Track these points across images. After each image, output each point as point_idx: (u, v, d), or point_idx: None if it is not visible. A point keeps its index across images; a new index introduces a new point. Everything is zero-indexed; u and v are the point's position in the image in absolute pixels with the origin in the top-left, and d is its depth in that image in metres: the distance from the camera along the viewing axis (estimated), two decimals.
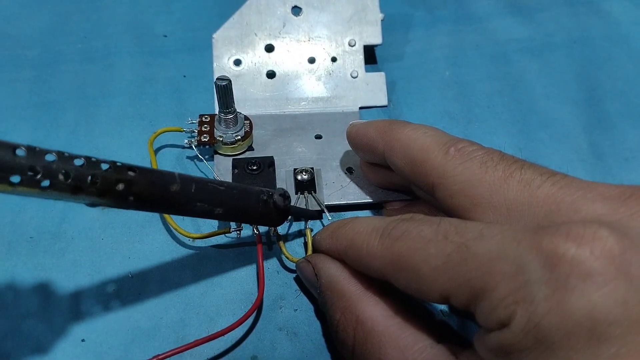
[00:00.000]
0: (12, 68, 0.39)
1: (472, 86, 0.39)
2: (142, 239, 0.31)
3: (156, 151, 0.34)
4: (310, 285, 0.27)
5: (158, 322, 0.27)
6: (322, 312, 0.26)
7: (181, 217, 0.31)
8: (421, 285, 0.20)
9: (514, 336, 0.17)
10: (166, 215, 0.30)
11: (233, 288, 0.29)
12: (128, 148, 0.34)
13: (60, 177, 0.18)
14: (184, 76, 0.39)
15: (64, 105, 0.37)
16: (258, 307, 0.27)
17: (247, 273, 0.29)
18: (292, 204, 0.29)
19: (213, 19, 0.43)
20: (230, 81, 0.30)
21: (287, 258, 0.29)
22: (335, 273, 0.25)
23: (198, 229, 0.31)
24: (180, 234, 0.29)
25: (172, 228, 0.30)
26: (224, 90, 0.31)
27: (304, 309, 0.28)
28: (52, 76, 0.39)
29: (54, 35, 0.42)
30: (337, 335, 0.24)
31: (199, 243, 0.30)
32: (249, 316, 0.26)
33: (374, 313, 0.22)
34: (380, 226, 0.22)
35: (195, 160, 0.34)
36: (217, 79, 0.30)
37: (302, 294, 0.29)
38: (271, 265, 0.30)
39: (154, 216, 0.31)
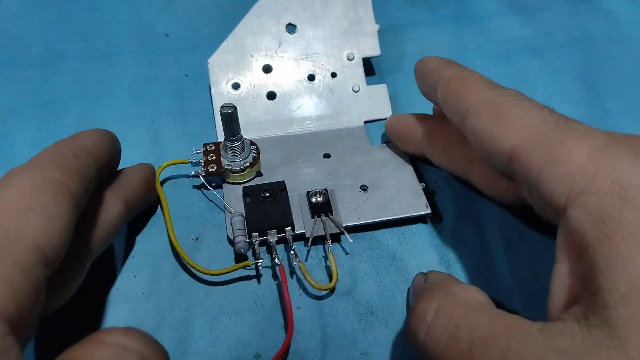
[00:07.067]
0: (14, 67, 0.39)
1: None
2: (145, 239, 0.31)
3: (162, 182, 0.33)
4: (414, 292, 0.27)
5: (161, 322, 0.27)
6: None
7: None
8: (501, 132, 0.22)
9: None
10: (181, 252, 0.28)
11: (236, 286, 0.29)
12: (130, 147, 0.34)
13: None
14: (186, 75, 0.39)
15: (66, 104, 0.37)
16: (287, 344, 0.26)
17: (250, 271, 0.29)
18: (309, 228, 0.29)
19: (214, 18, 0.43)
20: (235, 108, 0.29)
21: (313, 286, 0.27)
22: (444, 274, 0.26)
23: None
24: (198, 271, 0.28)
25: (188, 265, 0.28)
26: (230, 118, 0.29)
27: (307, 307, 0.28)
28: (54, 75, 0.39)
29: (56, 34, 0.42)
30: (435, 318, 0.22)
31: (202, 243, 0.30)
32: (286, 346, 0.26)
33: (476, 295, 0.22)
34: (492, 84, 0.26)
35: (202, 189, 0.33)
36: (221, 107, 0.29)
37: (304, 293, 0.29)
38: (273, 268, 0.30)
39: (158, 216, 0.31)
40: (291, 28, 0.37)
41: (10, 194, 0.21)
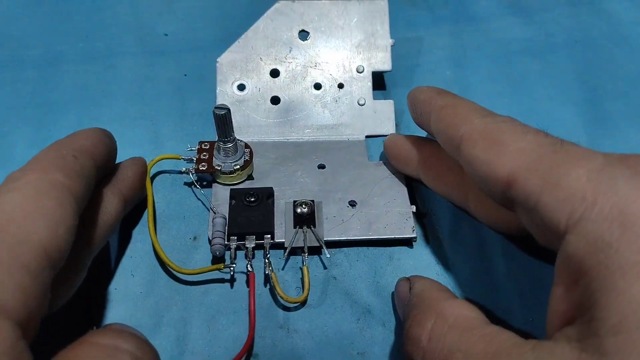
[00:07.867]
0: (13, 68, 0.39)
1: (474, 87, 0.39)
2: (143, 238, 0.31)
3: (153, 177, 0.33)
4: (399, 301, 0.27)
5: (159, 321, 0.27)
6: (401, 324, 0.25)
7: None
8: (497, 159, 0.22)
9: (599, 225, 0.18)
10: (159, 250, 0.28)
11: (234, 286, 0.29)
12: (130, 148, 0.34)
13: None
14: (185, 75, 0.39)
15: (66, 105, 0.37)
16: (249, 347, 0.26)
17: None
18: (289, 238, 0.29)
19: (214, 18, 0.43)
20: (229, 110, 0.29)
21: (282, 297, 0.27)
22: (429, 282, 0.25)
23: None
24: (172, 269, 0.28)
25: (165, 262, 0.28)
26: (223, 119, 0.29)
27: (304, 306, 0.28)
28: (54, 76, 0.39)
29: (56, 35, 0.42)
30: (430, 343, 0.22)
31: (200, 243, 0.30)
32: (245, 351, 0.26)
33: (469, 313, 0.22)
34: (485, 111, 0.25)
35: (192, 187, 0.33)
36: (215, 107, 0.29)
37: (300, 292, 0.29)
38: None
39: (156, 215, 0.31)
40: (304, 35, 0.36)
41: (15, 199, 0.21)
